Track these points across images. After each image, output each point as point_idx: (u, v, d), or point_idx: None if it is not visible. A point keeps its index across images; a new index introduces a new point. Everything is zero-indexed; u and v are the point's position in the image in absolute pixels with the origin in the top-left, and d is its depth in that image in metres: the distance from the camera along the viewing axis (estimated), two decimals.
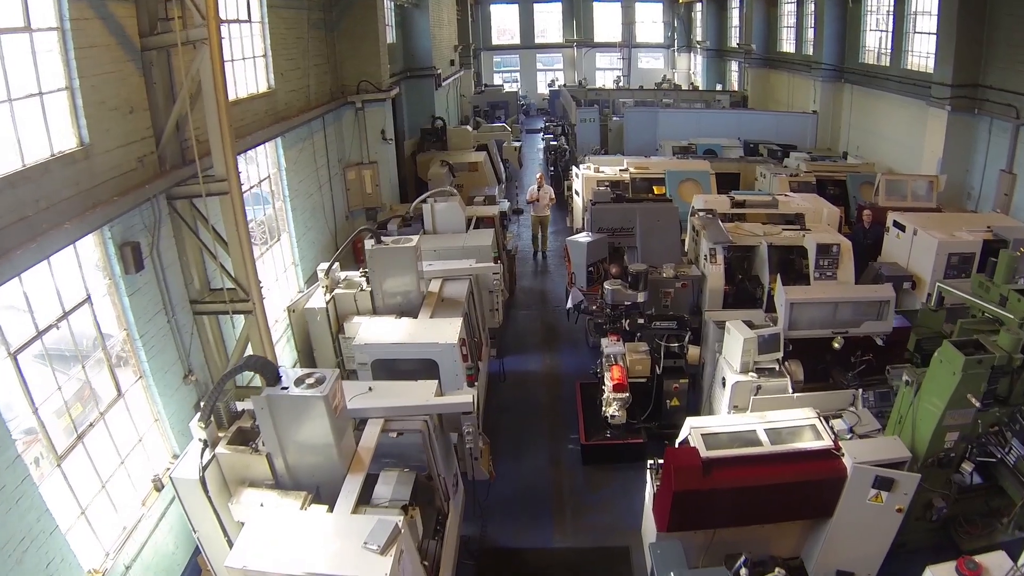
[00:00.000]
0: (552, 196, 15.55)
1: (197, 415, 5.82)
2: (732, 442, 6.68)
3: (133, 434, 6.90)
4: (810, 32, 23.85)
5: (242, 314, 7.69)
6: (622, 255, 11.44)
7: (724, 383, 8.43)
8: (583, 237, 9.83)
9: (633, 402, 8.83)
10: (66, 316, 5.94)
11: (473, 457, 6.71)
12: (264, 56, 9.85)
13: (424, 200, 11.39)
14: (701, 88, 32.82)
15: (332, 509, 5.46)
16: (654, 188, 15.36)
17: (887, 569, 6.67)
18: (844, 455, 6.46)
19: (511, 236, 13.60)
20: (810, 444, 6.65)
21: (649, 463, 7.02)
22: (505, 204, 13.85)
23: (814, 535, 6.89)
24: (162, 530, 6.92)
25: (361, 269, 8.79)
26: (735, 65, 31.77)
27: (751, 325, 8.47)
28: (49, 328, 5.75)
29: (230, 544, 5.31)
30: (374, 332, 7.90)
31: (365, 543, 4.62)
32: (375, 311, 8.68)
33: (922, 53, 17.76)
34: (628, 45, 35.37)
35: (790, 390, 8.29)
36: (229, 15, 8.88)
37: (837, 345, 8.79)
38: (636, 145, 20.57)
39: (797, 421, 6.98)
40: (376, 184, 13.46)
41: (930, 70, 16.91)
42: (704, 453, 6.36)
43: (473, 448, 6.55)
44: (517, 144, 20.37)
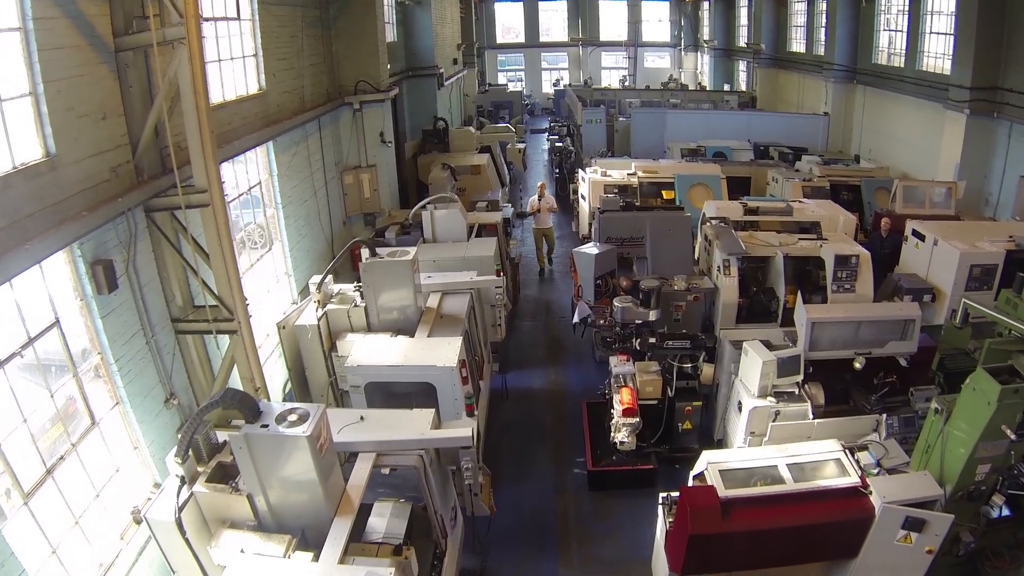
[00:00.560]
0: (554, 205, 14.92)
1: (174, 449, 5.36)
2: (752, 479, 6.21)
3: (110, 463, 6.42)
4: (821, 32, 23.29)
5: (226, 334, 7.19)
6: (630, 265, 10.97)
7: (740, 407, 7.95)
8: (591, 248, 9.33)
9: (643, 424, 8.34)
10: (32, 342, 5.46)
11: (473, 493, 6.21)
12: (254, 56, 9.34)
13: (423, 207, 10.88)
14: (708, 88, 32.27)
15: (318, 556, 5.00)
16: (663, 193, 14.85)
17: None
18: (872, 493, 6.04)
19: (514, 243, 13.09)
20: (835, 481, 6.21)
21: (661, 497, 6.54)
22: (509, 210, 13.35)
23: (835, 574, 6.43)
24: (142, 565, 6.44)
25: (355, 284, 8.29)
26: (743, 65, 31.21)
27: (769, 345, 8.00)
28: (13, 356, 5.28)
29: None
30: (368, 353, 7.41)
31: None
32: (370, 328, 8.20)
33: (938, 54, 17.20)
34: (634, 44, 34.85)
35: (810, 416, 7.83)
36: (216, 12, 8.38)
37: (858, 365, 8.34)
38: (643, 147, 20.07)
39: (821, 455, 6.52)
40: (375, 188, 12.96)
41: (946, 71, 16.42)
42: (722, 492, 5.88)
43: (473, 484, 6.06)
44: (521, 146, 19.83)
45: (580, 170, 16.43)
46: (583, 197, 15.19)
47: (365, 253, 8.12)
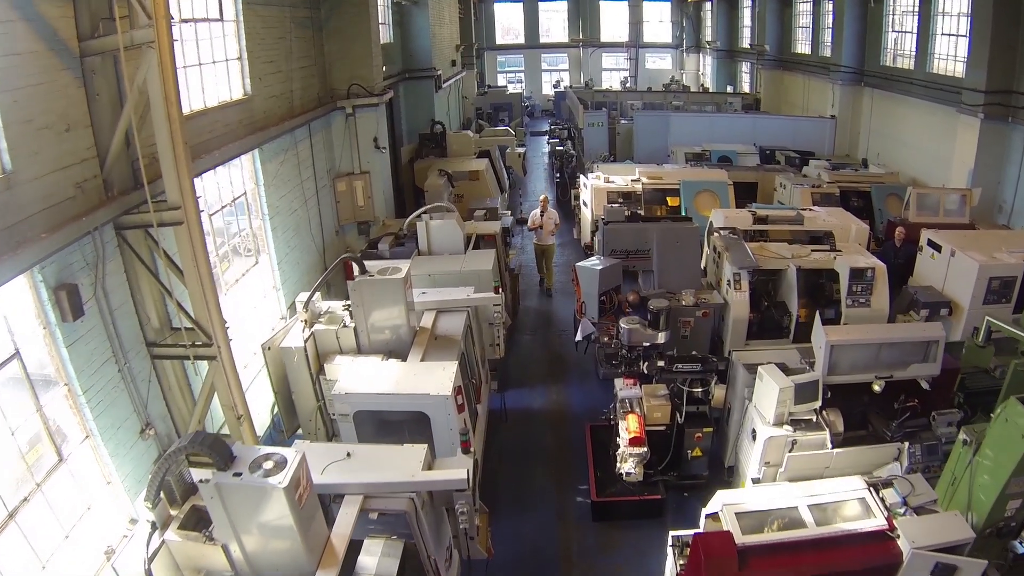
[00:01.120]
0: (557, 221, 13.95)
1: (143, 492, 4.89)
2: (771, 522, 5.73)
3: (80, 501, 5.94)
4: (827, 33, 22.79)
5: (205, 360, 6.70)
6: (635, 277, 10.49)
7: (754, 436, 7.46)
8: (595, 262, 8.83)
9: (650, 450, 7.85)
10: None
11: (468, 536, 5.73)
12: (239, 59, 8.83)
13: (419, 217, 10.38)
14: (711, 90, 31.79)
15: None
16: (668, 199, 14.38)
17: None
18: (899, 536, 5.60)
19: (514, 253, 12.59)
20: (861, 524, 5.79)
21: (671, 537, 6.07)
22: (508, 219, 12.84)
23: None
24: None
25: (345, 302, 7.80)
26: (746, 66, 30.70)
27: (785, 369, 7.51)
28: None
29: None
30: (356, 379, 6.92)
31: None
32: (360, 350, 7.70)
33: (949, 56, 16.71)
34: (635, 45, 34.31)
35: (829, 445, 7.34)
36: (197, 13, 7.88)
37: (878, 388, 7.86)
38: (646, 151, 19.60)
39: (844, 494, 6.05)
40: (368, 196, 12.45)
41: (958, 74, 15.95)
42: (739, 539, 5.40)
43: (468, 527, 5.57)
44: (521, 150, 19.31)
45: (582, 176, 15.94)
46: (585, 204, 14.71)
47: (356, 269, 7.64)
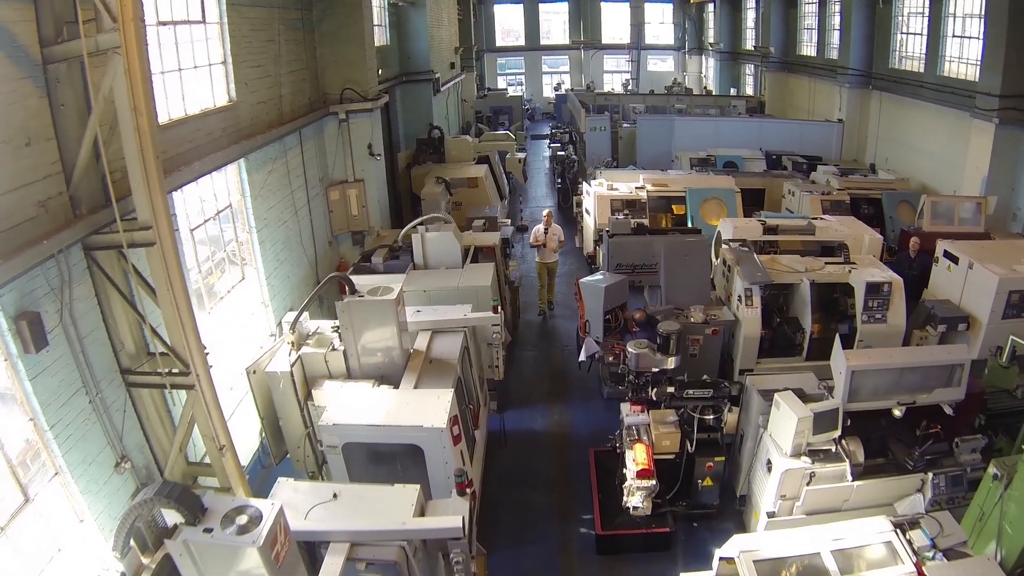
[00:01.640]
0: (562, 239, 12.87)
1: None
2: (790, 568, 5.27)
3: (50, 543, 5.49)
4: (834, 35, 22.33)
5: (182, 389, 6.24)
6: (640, 290, 10.03)
7: (770, 467, 6.98)
8: (599, 279, 8.35)
9: (658, 478, 7.38)
10: None
11: None
12: (223, 63, 8.35)
13: (414, 228, 9.91)
14: (714, 93, 31.33)
15: None
16: (673, 207, 13.93)
17: None
18: None
19: (514, 264, 12.11)
20: (888, 572, 5.31)
21: None
22: (508, 230, 12.33)
23: None
24: None
25: (334, 324, 7.33)
26: (750, 68, 30.23)
27: (802, 396, 7.05)
28: None
29: None
30: (345, 409, 6.45)
31: None
32: (350, 374, 7.23)
33: (961, 59, 16.24)
34: (637, 47, 33.86)
35: (849, 478, 6.88)
36: (176, 15, 7.40)
37: (898, 413, 7.41)
38: (650, 155, 19.14)
39: (869, 537, 5.59)
40: (363, 205, 11.98)
41: (970, 77, 15.47)
42: None
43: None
44: (522, 155, 18.81)
45: (584, 182, 15.48)
46: (587, 212, 14.25)
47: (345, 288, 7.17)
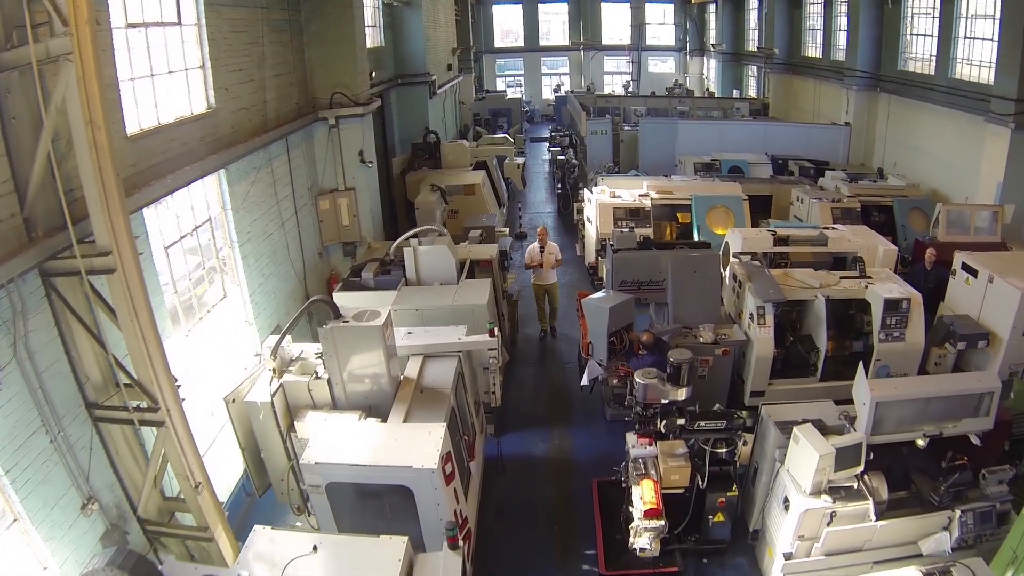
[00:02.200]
0: (559, 257, 11.88)
1: None
2: None
3: None
4: (839, 36, 21.81)
5: (152, 426, 5.73)
6: (646, 306, 9.52)
7: (787, 505, 6.48)
8: (603, 297, 7.83)
9: (666, 512, 6.86)
10: None
11: None
12: (201, 68, 7.82)
13: (407, 240, 9.39)
14: (717, 94, 30.82)
15: None
16: (678, 216, 13.43)
17: None
18: None
19: (512, 277, 11.58)
20: None
21: None
22: (506, 241, 11.81)
23: None
24: None
25: (317, 349, 6.81)
26: (753, 70, 29.69)
27: (822, 427, 6.54)
28: None
29: None
30: (328, 448, 5.94)
31: None
32: (335, 404, 6.72)
33: (974, 61, 15.73)
34: (637, 48, 33.33)
35: (872, 517, 6.39)
36: (149, 17, 6.87)
37: (922, 444, 6.90)
38: (652, 160, 18.62)
39: None
40: (354, 215, 11.45)
41: (983, 80, 14.95)
42: None
43: None
44: (520, 160, 18.26)
45: (585, 189, 14.97)
46: (589, 220, 13.74)
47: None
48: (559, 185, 20.05)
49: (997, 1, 14.17)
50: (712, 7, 34.25)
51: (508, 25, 39.50)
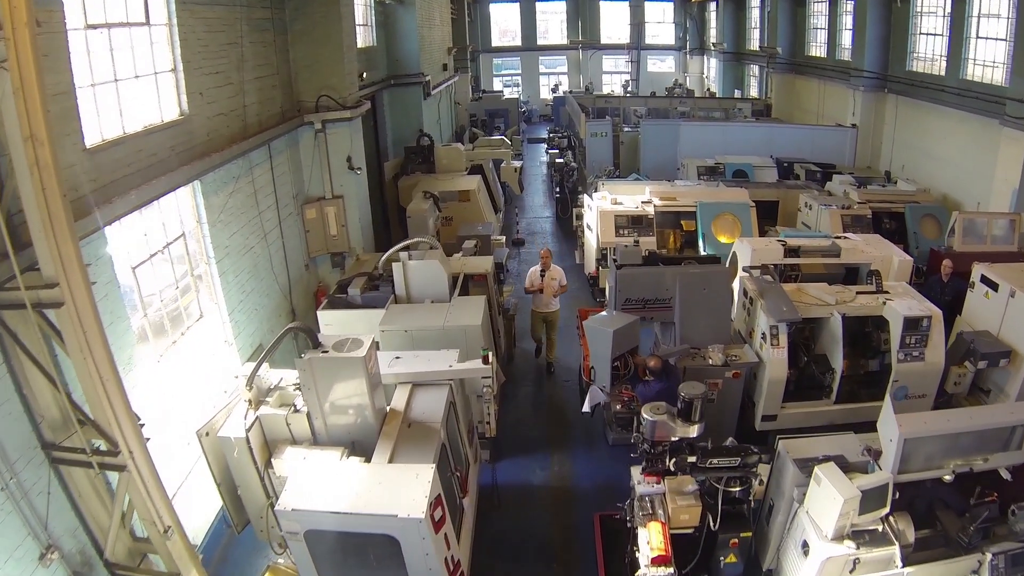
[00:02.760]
0: (563, 283, 10.74)
1: None
2: None
3: None
4: (844, 35, 21.30)
5: (113, 471, 5.20)
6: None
7: (806, 549, 5.95)
8: (606, 320, 7.28)
9: (674, 551, 6.33)
10: None
11: None
12: (172, 71, 7.24)
13: (396, 254, 8.84)
14: (718, 94, 30.29)
15: None
16: (683, 223, 12.91)
17: None
18: None
19: (509, 290, 11.03)
20: None
21: None
22: (502, 253, 11.25)
23: None
24: None
25: (296, 379, 6.26)
26: (755, 70, 29.17)
27: (844, 464, 6.01)
28: None
29: None
30: (306, 492, 5.40)
31: None
32: (315, 439, 6.17)
33: (987, 61, 15.22)
34: (636, 47, 32.78)
35: (899, 562, 5.86)
36: (112, 17, 6.30)
37: (949, 479, 6.38)
38: (654, 163, 18.10)
39: None
40: (342, 224, 10.89)
41: (996, 81, 14.47)
42: None
43: None
44: (518, 164, 17.67)
45: (585, 195, 14.43)
46: (589, 227, 13.19)
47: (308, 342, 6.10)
48: (557, 189, 19.48)
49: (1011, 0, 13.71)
50: (712, 5, 33.75)
51: (505, 24, 38.99)
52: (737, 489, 6.20)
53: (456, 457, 6.67)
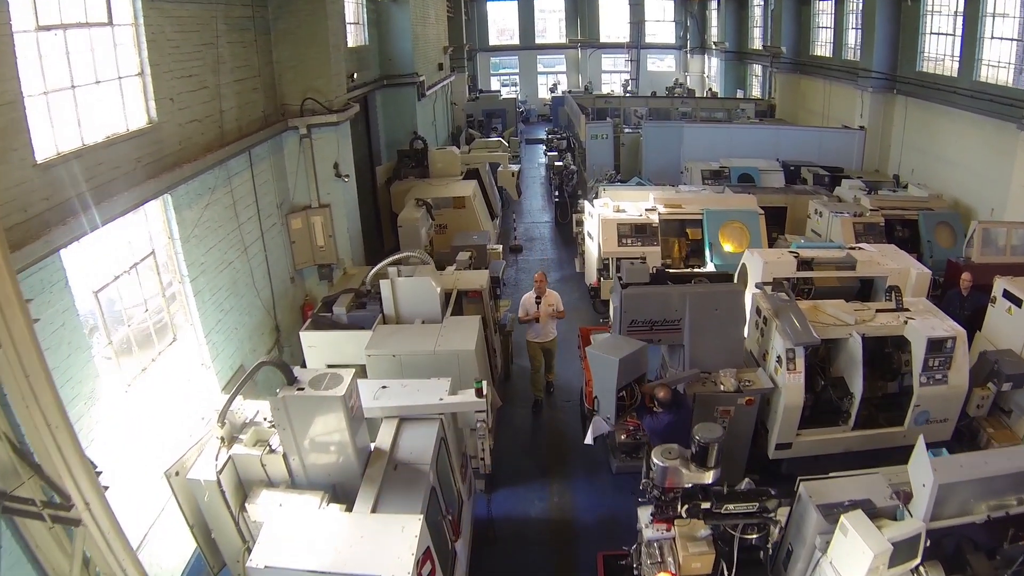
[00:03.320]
0: (560, 309, 9.80)
1: None
2: None
3: None
4: (852, 34, 20.75)
5: (67, 524, 4.66)
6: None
7: None
8: (611, 347, 6.70)
9: None
10: None
11: None
12: (139, 75, 6.66)
13: (384, 269, 8.29)
14: (719, 94, 29.73)
15: None
16: (688, 231, 12.37)
17: None
18: None
19: (505, 305, 10.47)
20: None
21: None
22: (499, 265, 10.68)
23: None
24: None
25: (269, 417, 5.71)
26: (758, 69, 28.60)
27: (871, 509, 5.47)
28: None
29: None
30: (279, 548, 4.84)
31: None
32: (293, 482, 5.63)
33: (1002, 63, 14.68)
34: (636, 46, 32.23)
35: None
36: (68, 17, 5.72)
37: (979, 520, 5.86)
38: (656, 166, 17.57)
39: None
40: (329, 234, 10.32)
41: (1012, 83, 13.93)
42: None
43: None
44: (515, 167, 17.07)
45: (585, 199, 13.87)
46: (590, 235, 12.63)
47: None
48: (556, 193, 18.89)
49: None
50: (714, 3, 33.21)
51: (503, 22, 38.46)
52: (754, 536, 5.67)
53: (448, 497, 6.13)
